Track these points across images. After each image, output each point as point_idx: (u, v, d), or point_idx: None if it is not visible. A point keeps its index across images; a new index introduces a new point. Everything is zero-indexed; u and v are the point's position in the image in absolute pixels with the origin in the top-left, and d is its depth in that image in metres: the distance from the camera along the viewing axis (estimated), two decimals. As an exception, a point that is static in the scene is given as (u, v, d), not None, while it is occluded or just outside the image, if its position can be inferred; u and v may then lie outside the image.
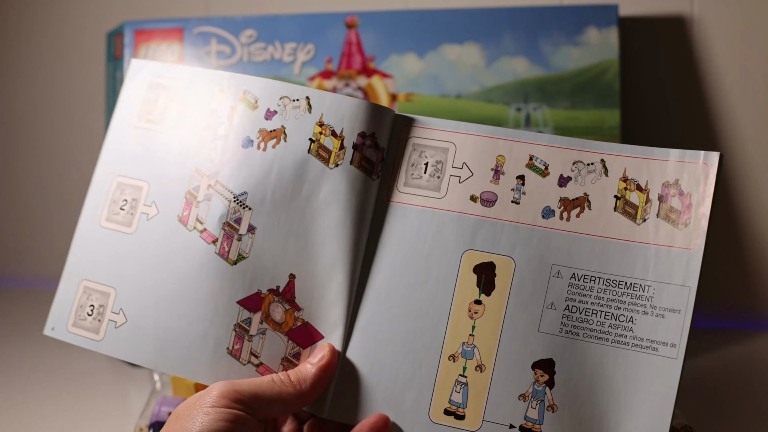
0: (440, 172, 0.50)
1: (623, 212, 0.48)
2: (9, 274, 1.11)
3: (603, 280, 0.47)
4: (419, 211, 0.50)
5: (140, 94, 0.55)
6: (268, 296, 0.50)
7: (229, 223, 0.51)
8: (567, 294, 0.47)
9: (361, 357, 0.48)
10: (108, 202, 0.54)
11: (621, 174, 0.48)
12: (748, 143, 0.90)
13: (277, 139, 0.51)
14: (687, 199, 0.47)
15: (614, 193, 0.48)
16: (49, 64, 1.07)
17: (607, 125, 0.84)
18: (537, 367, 0.47)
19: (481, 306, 0.48)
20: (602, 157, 0.49)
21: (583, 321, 0.47)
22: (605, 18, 0.85)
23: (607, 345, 0.46)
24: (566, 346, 0.47)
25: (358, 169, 0.50)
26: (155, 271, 0.51)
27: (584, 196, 0.48)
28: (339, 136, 0.50)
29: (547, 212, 0.49)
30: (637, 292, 0.47)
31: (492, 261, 0.48)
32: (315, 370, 0.47)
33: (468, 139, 0.50)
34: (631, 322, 0.46)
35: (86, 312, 0.53)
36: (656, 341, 0.46)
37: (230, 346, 0.50)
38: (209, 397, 0.44)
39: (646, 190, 0.48)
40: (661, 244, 0.47)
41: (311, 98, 0.51)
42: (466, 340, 0.47)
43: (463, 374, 0.47)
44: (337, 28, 0.89)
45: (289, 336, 0.49)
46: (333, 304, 0.49)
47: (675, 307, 0.46)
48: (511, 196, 0.49)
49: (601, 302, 0.47)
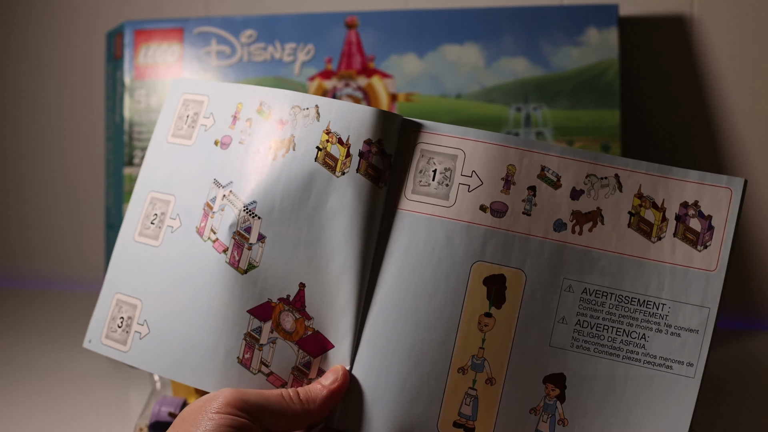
0: (449, 180, 0.49)
1: (637, 229, 0.47)
2: (9, 274, 1.11)
3: (615, 296, 0.47)
4: (427, 219, 0.49)
5: (175, 111, 0.56)
6: (278, 305, 0.50)
7: (240, 232, 0.50)
8: (578, 309, 0.47)
9: (369, 367, 0.48)
10: (142, 216, 0.55)
11: (636, 190, 0.48)
12: (748, 143, 0.90)
13: (287, 148, 0.51)
14: (707, 222, 0.47)
15: (628, 209, 0.47)
16: (49, 64, 1.07)
17: (607, 125, 0.84)
18: (548, 381, 0.47)
19: (491, 319, 0.47)
20: (616, 171, 0.48)
21: (594, 336, 0.47)
22: (605, 18, 0.85)
23: (618, 361, 0.46)
24: (577, 360, 0.47)
25: (365, 177, 0.49)
26: (174, 282, 0.52)
27: (597, 210, 0.48)
28: (345, 143, 0.50)
29: (558, 225, 0.48)
30: (650, 309, 0.47)
31: (502, 273, 0.47)
32: (325, 392, 0.47)
33: (478, 146, 0.49)
34: (644, 339, 0.46)
35: (117, 324, 0.53)
36: (670, 359, 0.46)
37: (240, 356, 0.49)
38: (215, 403, 0.44)
39: (662, 209, 0.47)
40: (677, 264, 0.47)
41: (320, 106, 0.51)
42: (476, 353, 0.47)
43: (473, 387, 0.47)
44: (337, 28, 0.89)
45: (299, 345, 0.49)
46: (342, 313, 0.49)
47: (692, 326, 0.46)
48: (522, 207, 0.48)
49: (612, 318, 0.47)
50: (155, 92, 0.90)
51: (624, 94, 0.89)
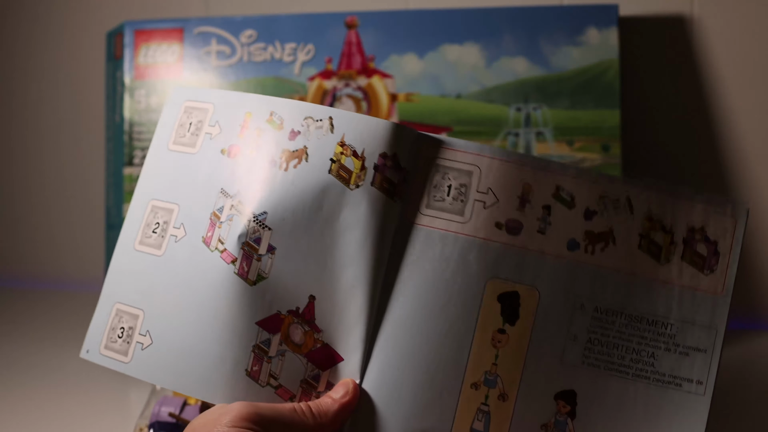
0: (464, 196, 0.49)
1: (647, 251, 0.48)
2: (9, 274, 1.11)
3: (625, 315, 0.48)
4: (442, 234, 0.49)
5: (175, 118, 0.55)
6: (287, 317, 0.49)
7: (249, 243, 0.50)
8: (590, 327, 0.48)
9: (380, 381, 0.48)
10: (143, 225, 0.54)
11: (646, 213, 0.49)
12: (748, 143, 0.90)
13: (299, 159, 0.50)
14: (713, 247, 0.48)
15: (639, 231, 0.48)
16: (49, 64, 1.07)
17: (607, 125, 0.84)
18: (560, 397, 0.47)
19: (504, 335, 0.47)
20: (628, 194, 0.49)
21: (605, 354, 0.48)
22: (605, 18, 0.85)
23: (628, 378, 0.47)
24: (588, 377, 0.47)
25: (379, 190, 0.49)
26: (179, 292, 0.51)
27: (609, 230, 0.48)
28: (360, 156, 0.49)
29: (572, 244, 0.48)
30: (659, 329, 0.48)
31: (516, 290, 0.48)
32: (337, 406, 0.47)
33: (493, 163, 0.49)
34: (653, 358, 0.47)
35: (117, 334, 0.52)
36: (679, 377, 0.47)
37: (249, 368, 0.49)
38: (229, 416, 0.43)
39: (670, 233, 0.49)
40: (685, 286, 0.48)
41: (334, 118, 0.50)
42: (489, 368, 0.47)
43: (486, 402, 0.47)
44: (337, 28, 0.89)
45: (308, 358, 0.49)
46: (353, 327, 0.48)
47: (700, 346, 0.47)
48: (537, 226, 0.48)
49: (622, 336, 0.48)
50: (155, 92, 0.90)
51: (624, 94, 0.89)
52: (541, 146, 0.85)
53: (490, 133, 0.86)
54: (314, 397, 0.48)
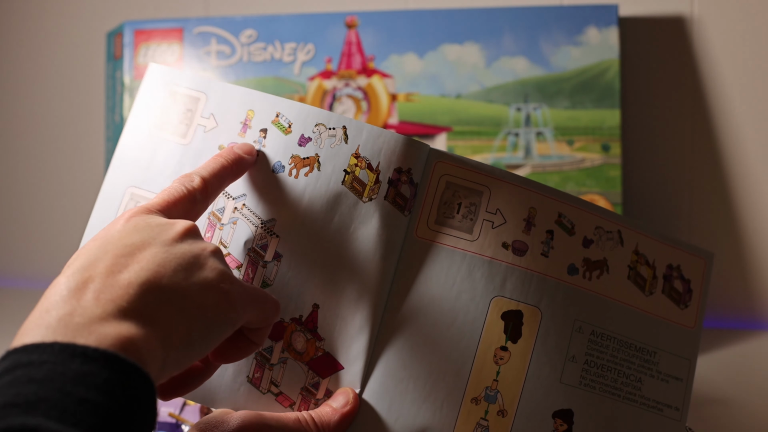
0: (473, 215, 0.49)
1: (635, 282, 0.51)
2: (9, 274, 1.11)
3: (617, 341, 0.50)
4: (450, 251, 0.49)
5: (158, 102, 0.52)
6: (290, 325, 0.49)
7: (255, 249, 0.49)
8: (587, 349, 0.49)
9: (381, 393, 0.48)
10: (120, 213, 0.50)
11: (633, 247, 0.51)
12: (748, 143, 0.90)
13: (311, 167, 0.49)
14: (687, 285, 0.52)
15: (628, 263, 0.51)
16: (49, 64, 1.07)
17: (607, 125, 0.84)
18: (557, 416, 0.48)
19: (507, 353, 0.48)
20: (619, 228, 0.51)
21: (600, 376, 0.49)
22: (605, 18, 0.85)
23: (619, 400, 0.49)
24: (584, 397, 0.48)
25: (392, 204, 0.49)
26: None
27: (604, 260, 0.51)
28: (375, 170, 0.49)
29: (572, 269, 0.50)
30: (645, 356, 0.50)
31: (520, 309, 0.49)
32: (338, 417, 0.47)
33: (503, 185, 0.50)
34: (639, 382, 0.50)
35: None
36: (661, 402, 0.50)
37: (251, 374, 0.48)
38: (233, 423, 0.44)
39: (653, 267, 0.52)
40: (665, 318, 0.51)
41: (348, 128, 0.49)
42: (489, 384, 0.48)
43: (485, 417, 0.47)
44: (337, 28, 0.89)
45: (309, 365, 0.49)
46: (355, 337, 0.48)
47: (678, 375, 0.51)
48: (541, 249, 0.49)
49: (615, 360, 0.50)
50: (155, 92, 0.90)
51: (624, 94, 0.89)
52: (541, 146, 0.85)
53: (490, 133, 0.86)
54: (313, 404, 0.48)
